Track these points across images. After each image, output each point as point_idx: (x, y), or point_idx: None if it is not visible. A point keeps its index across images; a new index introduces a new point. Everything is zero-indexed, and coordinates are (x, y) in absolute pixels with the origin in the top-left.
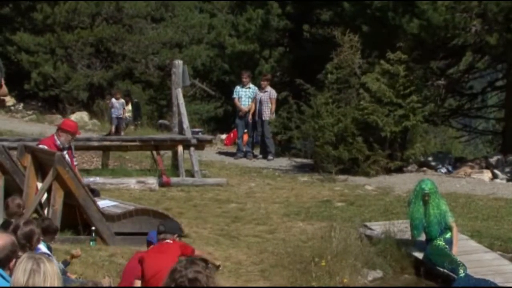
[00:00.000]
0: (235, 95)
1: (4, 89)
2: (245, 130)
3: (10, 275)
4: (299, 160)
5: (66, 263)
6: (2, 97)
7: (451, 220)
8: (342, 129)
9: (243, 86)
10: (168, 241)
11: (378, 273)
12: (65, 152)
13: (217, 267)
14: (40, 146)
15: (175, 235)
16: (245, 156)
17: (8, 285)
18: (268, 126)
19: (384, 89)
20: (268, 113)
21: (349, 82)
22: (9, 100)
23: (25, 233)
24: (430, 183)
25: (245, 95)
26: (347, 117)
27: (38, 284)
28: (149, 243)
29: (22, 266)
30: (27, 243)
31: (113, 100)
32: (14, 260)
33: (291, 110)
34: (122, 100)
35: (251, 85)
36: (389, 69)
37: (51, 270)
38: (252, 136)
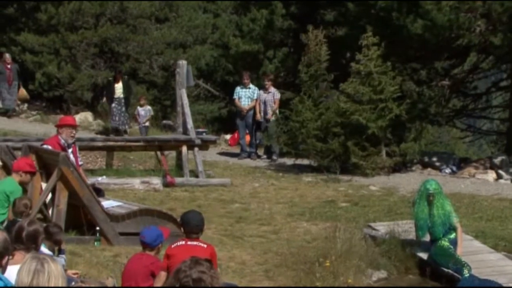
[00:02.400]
0: (235, 96)
1: (23, 91)
2: (247, 131)
3: (3, 272)
4: (303, 160)
5: (62, 252)
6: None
7: (455, 220)
8: (325, 121)
9: (244, 86)
10: (202, 245)
11: (382, 274)
12: (70, 151)
13: None
14: (44, 146)
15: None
16: (249, 156)
17: (1, 283)
18: (273, 126)
19: (360, 88)
20: (271, 114)
21: (323, 76)
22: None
23: (30, 234)
24: (434, 183)
25: (245, 95)
26: (329, 110)
27: (43, 284)
28: (145, 244)
29: (27, 266)
30: (32, 244)
31: (138, 108)
32: (6, 258)
33: (284, 115)
34: (149, 107)
35: (251, 85)
36: (360, 69)
37: (56, 270)
38: (254, 136)
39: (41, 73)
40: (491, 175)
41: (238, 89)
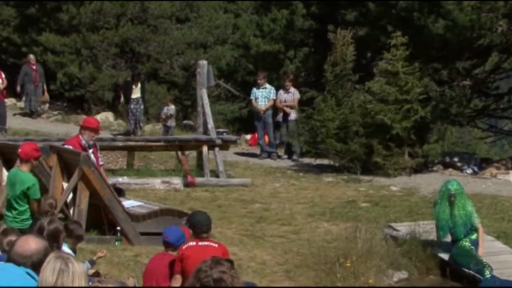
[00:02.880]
0: (252, 97)
1: (46, 96)
2: (266, 131)
3: None
4: (323, 160)
5: (91, 262)
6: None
7: (477, 221)
8: (343, 120)
9: (259, 87)
10: (213, 244)
11: (403, 274)
12: (90, 151)
13: None
14: (66, 146)
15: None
16: (269, 156)
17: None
18: (293, 126)
19: (386, 88)
20: (293, 113)
21: (348, 77)
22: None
23: (51, 233)
24: (456, 184)
25: (261, 96)
26: (349, 109)
27: (67, 284)
28: (168, 244)
29: (51, 266)
30: (54, 243)
31: (165, 109)
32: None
33: (306, 113)
34: (173, 107)
35: (267, 85)
36: (388, 68)
37: (79, 270)
38: (274, 136)
39: (63, 73)
40: None
41: (254, 89)
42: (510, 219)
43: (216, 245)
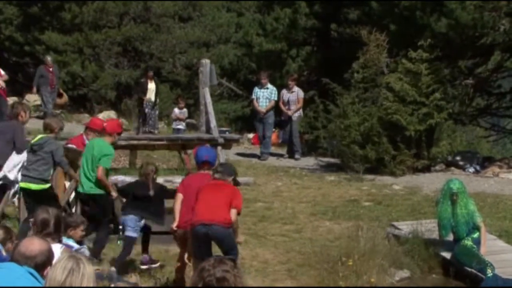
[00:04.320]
0: (253, 96)
1: (65, 97)
2: (274, 130)
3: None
4: (326, 159)
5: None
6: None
7: (479, 220)
8: (368, 128)
9: (261, 87)
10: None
11: (405, 273)
12: None
13: (239, 243)
14: (69, 145)
15: (231, 178)
16: (259, 157)
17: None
18: (296, 125)
19: (407, 88)
20: (296, 112)
21: (375, 81)
22: (37, 99)
23: (56, 222)
24: (458, 182)
25: (262, 96)
26: (373, 117)
27: (75, 284)
28: (206, 163)
29: (62, 264)
30: (58, 232)
31: (176, 110)
32: (48, 268)
33: (317, 109)
34: (185, 110)
35: (269, 85)
36: (411, 68)
37: (89, 271)
38: (280, 135)
39: (65, 72)
40: None
41: (256, 89)
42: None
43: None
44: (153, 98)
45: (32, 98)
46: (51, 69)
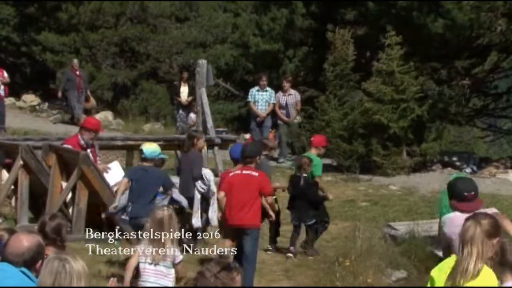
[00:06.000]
0: (250, 99)
1: (93, 101)
2: (271, 130)
3: (37, 276)
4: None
5: None
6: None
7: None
8: (351, 121)
9: (260, 89)
10: (253, 173)
11: (402, 273)
12: (88, 151)
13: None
14: (65, 145)
15: (258, 157)
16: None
17: (34, 285)
18: (296, 127)
19: (382, 88)
20: (295, 115)
21: (348, 76)
22: (34, 100)
23: (53, 228)
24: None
25: (262, 99)
26: (355, 110)
27: (64, 285)
28: (235, 160)
29: (49, 268)
30: (57, 237)
31: (192, 115)
32: (40, 262)
33: (307, 113)
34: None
35: (268, 88)
36: (382, 68)
37: (78, 269)
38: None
39: (62, 72)
40: None
41: (254, 91)
42: (509, 218)
43: (257, 174)
44: (185, 99)
45: (29, 99)
46: (78, 72)
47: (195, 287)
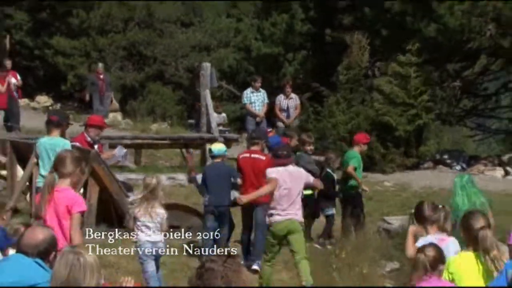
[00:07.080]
0: (246, 101)
1: (115, 104)
2: (269, 129)
3: (50, 267)
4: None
5: None
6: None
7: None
8: (355, 126)
9: (255, 91)
10: (260, 156)
11: (395, 265)
12: (95, 147)
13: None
14: (73, 143)
15: (263, 141)
16: None
17: (48, 275)
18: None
19: (396, 90)
20: (295, 116)
21: (359, 82)
22: (47, 101)
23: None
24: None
25: (257, 100)
26: (360, 115)
27: (78, 278)
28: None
29: (64, 260)
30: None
31: (214, 114)
32: (53, 253)
33: (308, 112)
34: (224, 115)
35: (261, 89)
36: (400, 72)
37: (90, 263)
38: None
39: (73, 75)
40: (499, 172)
41: (248, 93)
42: (496, 213)
43: (263, 157)
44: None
45: (42, 100)
46: (101, 76)
47: (204, 286)
